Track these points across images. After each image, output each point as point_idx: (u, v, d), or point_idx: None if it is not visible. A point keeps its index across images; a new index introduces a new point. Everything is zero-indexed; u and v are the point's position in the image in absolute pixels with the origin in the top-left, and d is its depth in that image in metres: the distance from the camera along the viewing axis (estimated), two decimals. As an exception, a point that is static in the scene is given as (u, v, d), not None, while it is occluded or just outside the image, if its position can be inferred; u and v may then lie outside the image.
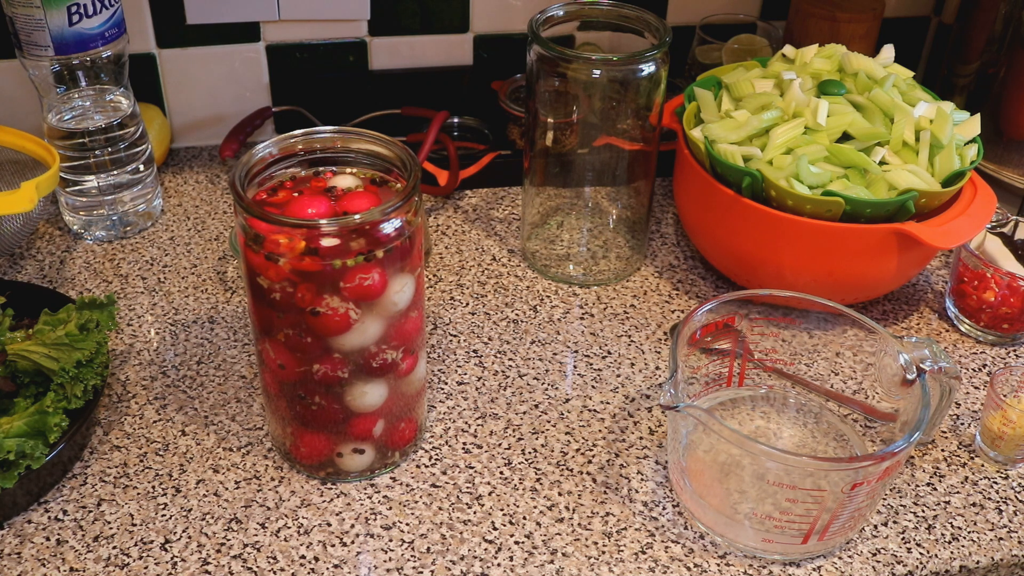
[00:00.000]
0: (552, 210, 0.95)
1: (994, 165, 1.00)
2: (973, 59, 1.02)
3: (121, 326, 0.83)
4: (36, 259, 0.90)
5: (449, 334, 0.84)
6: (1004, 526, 0.69)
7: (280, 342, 0.63)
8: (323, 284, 0.59)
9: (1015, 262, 0.87)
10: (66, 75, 0.87)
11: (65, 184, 0.90)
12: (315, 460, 0.69)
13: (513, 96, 1.04)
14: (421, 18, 1.06)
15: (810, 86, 0.85)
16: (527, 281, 0.91)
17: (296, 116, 1.06)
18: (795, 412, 0.77)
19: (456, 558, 0.65)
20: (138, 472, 0.70)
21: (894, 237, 0.78)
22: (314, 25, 1.04)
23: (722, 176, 0.82)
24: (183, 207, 0.99)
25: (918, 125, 0.81)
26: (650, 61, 0.80)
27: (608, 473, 0.71)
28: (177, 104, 1.06)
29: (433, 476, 0.71)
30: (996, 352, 0.85)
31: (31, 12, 0.81)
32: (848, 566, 0.65)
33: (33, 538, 0.65)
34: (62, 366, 0.67)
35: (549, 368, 0.81)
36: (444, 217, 0.99)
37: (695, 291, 0.90)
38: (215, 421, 0.74)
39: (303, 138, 0.65)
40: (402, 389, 0.67)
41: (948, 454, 0.75)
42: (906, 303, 0.90)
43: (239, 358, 0.80)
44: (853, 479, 0.60)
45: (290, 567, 0.64)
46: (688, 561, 0.65)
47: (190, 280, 0.89)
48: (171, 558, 0.64)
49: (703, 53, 1.08)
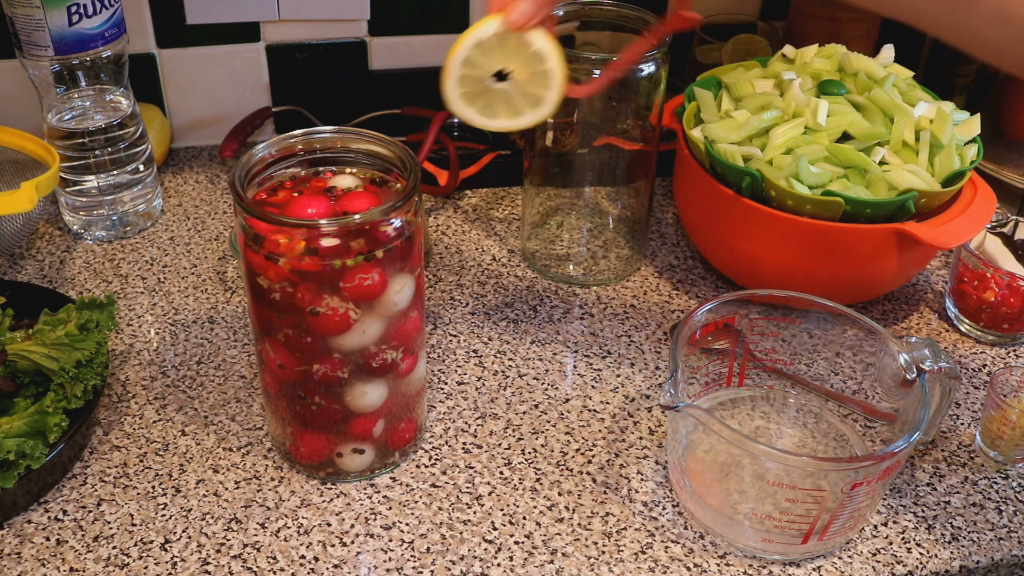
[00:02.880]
0: (552, 210, 0.95)
1: (994, 165, 1.00)
2: (973, 59, 1.02)
3: (121, 326, 0.83)
4: (36, 259, 0.90)
5: (449, 334, 0.84)
6: (1004, 526, 0.69)
7: (280, 342, 0.63)
8: (323, 284, 0.59)
9: (1015, 262, 0.87)
10: (66, 75, 0.87)
11: (65, 184, 0.90)
12: (315, 460, 0.69)
13: (513, 96, 1.04)
14: (421, 18, 1.06)
15: (810, 86, 0.85)
16: (527, 281, 0.91)
17: (296, 116, 1.06)
18: (795, 412, 0.77)
19: (456, 558, 0.65)
20: (138, 472, 0.70)
21: (894, 237, 0.78)
22: (314, 25, 1.04)
23: (722, 176, 0.82)
24: (183, 207, 0.99)
25: (918, 125, 0.81)
26: (650, 61, 0.80)
27: (608, 473, 0.71)
28: (177, 104, 1.06)
29: (433, 476, 0.71)
30: (996, 352, 0.85)
31: (31, 12, 0.81)
32: (848, 566, 0.65)
33: (33, 538, 0.65)
34: (62, 366, 0.67)
35: (549, 368, 0.81)
36: (444, 217, 0.99)
37: (695, 291, 0.90)
38: (215, 421, 0.74)
39: (303, 138, 0.65)
40: (402, 389, 0.67)
41: (948, 454, 0.75)
42: (906, 303, 0.90)
43: (239, 358, 0.80)
44: (853, 479, 0.60)
45: (290, 567, 0.64)
46: (688, 561, 0.65)
47: (190, 280, 0.89)
48: (171, 558, 0.64)
49: (703, 53, 1.08)
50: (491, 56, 0.65)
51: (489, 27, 0.64)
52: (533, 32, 0.64)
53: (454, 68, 0.65)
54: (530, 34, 0.64)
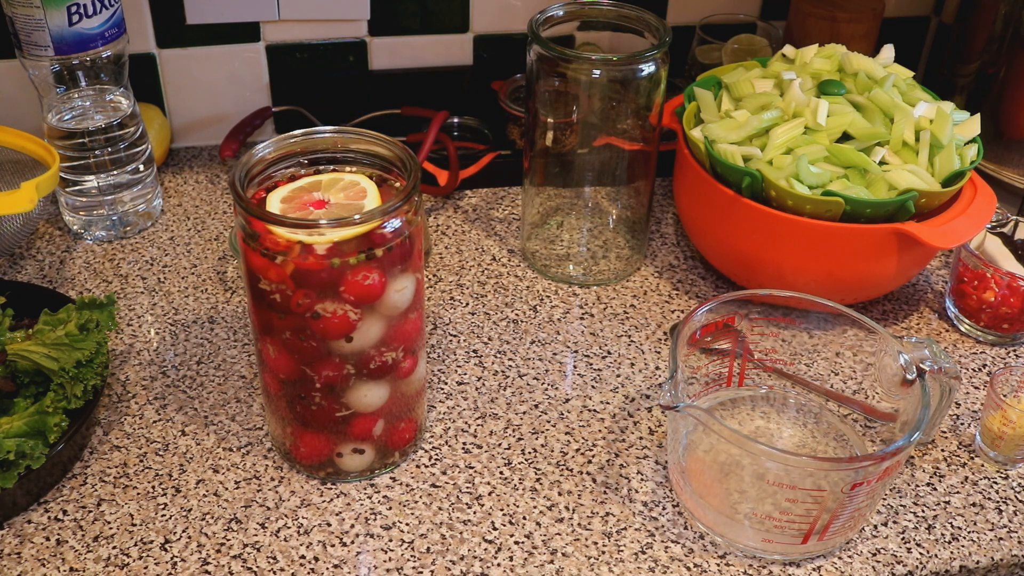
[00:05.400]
0: (552, 210, 0.95)
1: (994, 165, 1.00)
2: (973, 59, 1.02)
3: (121, 326, 0.83)
4: (36, 259, 0.90)
5: (449, 334, 0.84)
6: (1004, 526, 0.69)
7: (280, 342, 0.63)
8: (323, 285, 0.59)
9: (1015, 262, 0.87)
10: (66, 75, 0.87)
11: (65, 184, 0.90)
12: (315, 460, 0.69)
13: (513, 96, 1.04)
14: (421, 18, 1.06)
15: (810, 86, 0.85)
16: (527, 281, 0.91)
17: (296, 116, 1.06)
18: (795, 412, 0.77)
19: (456, 558, 0.65)
20: (138, 472, 0.70)
21: (894, 237, 0.78)
22: (314, 25, 1.04)
23: (722, 176, 0.82)
24: (183, 207, 0.99)
25: (918, 125, 0.81)
26: (650, 61, 0.80)
27: (608, 473, 0.71)
28: (177, 104, 1.06)
29: (433, 476, 0.71)
30: (996, 352, 0.85)
31: (31, 12, 0.81)
32: (848, 566, 0.65)
33: (33, 538, 0.65)
34: (62, 366, 0.67)
35: (549, 368, 0.81)
36: (444, 217, 0.99)
37: (695, 291, 0.90)
38: (215, 421, 0.74)
39: (303, 138, 0.65)
40: (402, 389, 0.67)
41: (948, 454, 0.75)
42: (906, 303, 0.90)
43: (239, 358, 0.80)
44: (853, 479, 0.60)
45: (290, 567, 0.64)
46: (688, 561, 0.65)
47: (190, 280, 0.89)
48: (171, 558, 0.64)
49: (703, 53, 1.08)
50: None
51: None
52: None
53: None
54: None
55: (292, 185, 0.63)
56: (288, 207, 0.61)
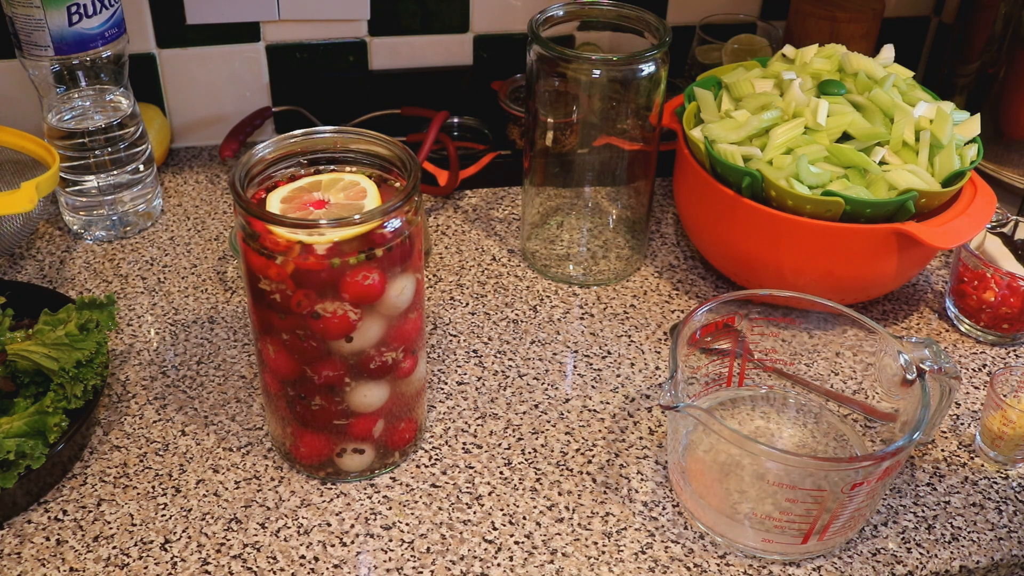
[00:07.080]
0: (552, 210, 0.95)
1: (994, 165, 1.00)
2: (973, 59, 1.02)
3: (121, 326, 0.83)
4: (36, 259, 0.90)
5: (449, 334, 0.84)
6: (1004, 526, 0.69)
7: (280, 342, 0.63)
8: (323, 286, 0.59)
9: (1015, 262, 0.87)
10: (66, 75, 0.87)
11: (65, 184, 0.90)
12: (315, 460, 0.69)
13: (513, 96, 1.04)
14: (421, 18, 1.06)
15: (810, 86, 0.85)
16: (527, 281, 0.91)
17: (296, 116, 1.06)
18: (795, 412, 0.77)
19: (456, 558, 0.65)
20: (138, 472, 0.70)
21: (894, 237, 0.78)
22: (314, 25, 1.04)
23: (722, 176, 0.82)
24: (183, 207, 0.99)
25: (918, 125, 0.81)
26: (650, 61, 0.80)
27: (608, 473, 0.71)
28: (177, 104, 1.06)
29: (433, 476, 0.71)
30: (996, 352, 0.85)
31: (31, 12, 0.81)
32: (848, 566, 0.65)
33: (33, 538, 0.65)
34: (62, 366, 0.67)
35: (549, 368, 0.81)
36: (444, 217, 0.99)
37: (695, 291, 0.90)
38: (215, 421, 0.74)
39: (303, 138, 0.65)
40: (402, 389, 0.67)
41: (948, 454, 0.75)
42: (906, 303, 0.90)
43: (239, 358, 0.80)
44: (853, 479, 0.60)
45: (290, 567, 0.64)
46: (688, 561, 0.65)
47: (190, 280, 0.89)
48: (171, 558, 0.64)
49: (703, 53, 1.08)
50: None
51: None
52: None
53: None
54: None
55: (292, 185, 0.63)
56: (288, 207, 0.61)
